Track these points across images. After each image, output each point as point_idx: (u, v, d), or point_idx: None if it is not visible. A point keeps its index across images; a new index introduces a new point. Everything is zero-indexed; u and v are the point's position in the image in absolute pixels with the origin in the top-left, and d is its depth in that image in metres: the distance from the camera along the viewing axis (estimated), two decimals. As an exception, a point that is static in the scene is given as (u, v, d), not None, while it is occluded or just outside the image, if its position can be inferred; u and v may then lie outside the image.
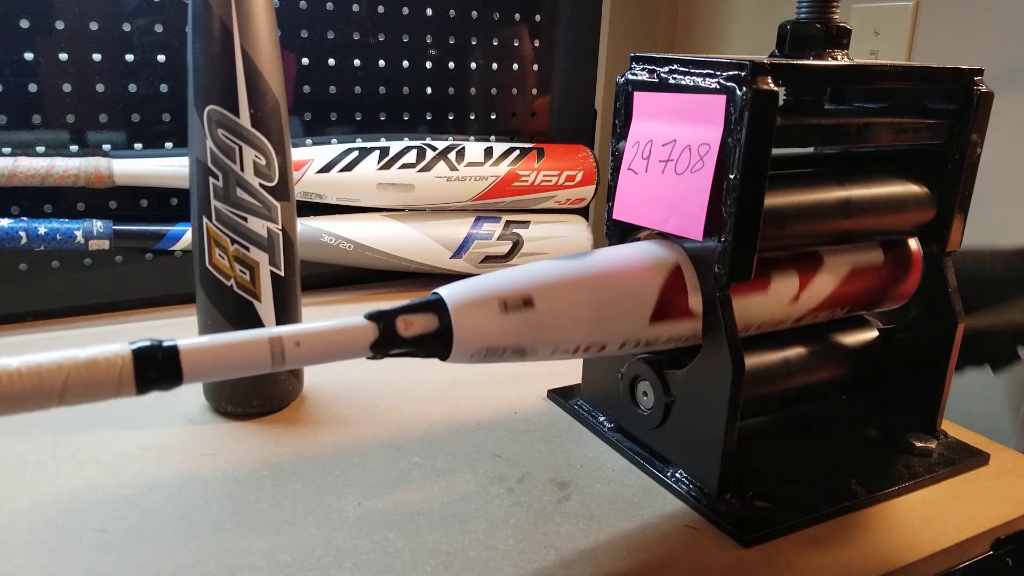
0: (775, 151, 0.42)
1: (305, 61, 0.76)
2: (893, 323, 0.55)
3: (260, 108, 0.48)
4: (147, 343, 0.30)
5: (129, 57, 0.68)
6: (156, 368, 0.30)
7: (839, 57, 0.47)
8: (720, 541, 0.43)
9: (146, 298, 0.74)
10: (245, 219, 0.49)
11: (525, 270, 0.41)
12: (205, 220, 0.49)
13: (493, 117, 0.87)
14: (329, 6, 0.75)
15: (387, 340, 0.35)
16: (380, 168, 0.76)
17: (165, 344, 0.31)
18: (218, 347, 0.32)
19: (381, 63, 0.79)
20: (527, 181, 0.81)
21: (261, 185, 0.49)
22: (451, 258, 0.80)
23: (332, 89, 0.78)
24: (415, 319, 0.36)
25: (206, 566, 0.39)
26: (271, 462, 0.48)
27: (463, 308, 0.37)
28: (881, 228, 0.51)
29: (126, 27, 0.67)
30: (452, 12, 0.81)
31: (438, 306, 0.37)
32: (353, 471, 0.48)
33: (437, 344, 0.37)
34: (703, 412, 0.45)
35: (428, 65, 0.82)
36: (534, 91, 0.88)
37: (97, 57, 0.67)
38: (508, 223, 0.82)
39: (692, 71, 0.43)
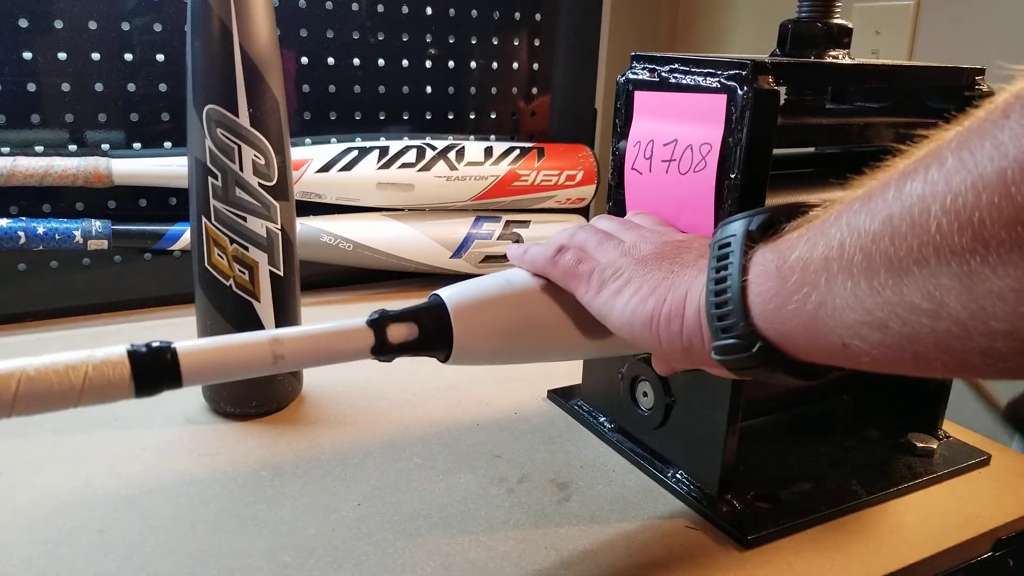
0: (776, 151, 0.41)
1: (304, 60, 0.76)
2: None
3: (259, 107, 0.47)
4: (144, 346, 0.30)
5: (128, 56, 0.68)
6: (155, 372, 0.30)
7: (840, 56, 0.47)
8: (721, 542, 0.43)
9: (145, 298, 0.74)
10: (244, 219, 0.49)
11: (532, 307, 0.40)
12: (204, 220, 0.49)
13: (493, 116, 0.87)
14: (328, 5, 0.75)
15: (385, 351, 0.35)
16: (379, 167, 0.76)
17: (164, 347, 0.30)
18: (217, 350, 0.32)
19: (381, 62, 0.79)
20: (527, 181, 0.81)
21: (260, 185, 0.49)
22: (451, 258, 0.80)
23: (331, 88, 0.77)
24: (416, 346, 0.36)
25: (206, 566, 0.39)
26: (270, 462, 0.48)
27: (467, 341, 0.37)
28: (882, 228, 0.51)
29: (125, 26, 0.67)
30: (452, 11, 0.81)
31: (442, 332, 0.37)
32: (353, 471, 0.48)
33: (437, 355, 0.37)
34: (704, 412, 0.45)
35: (428, 64, 0.82)
36: (534, 90, 0.88)
37: (96, 56, 0.67)
38: (508, 223, 0.82)
39: (693, 70, 0.43)
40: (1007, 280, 0.20)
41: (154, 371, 0.30)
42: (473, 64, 0.84)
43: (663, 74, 0.45)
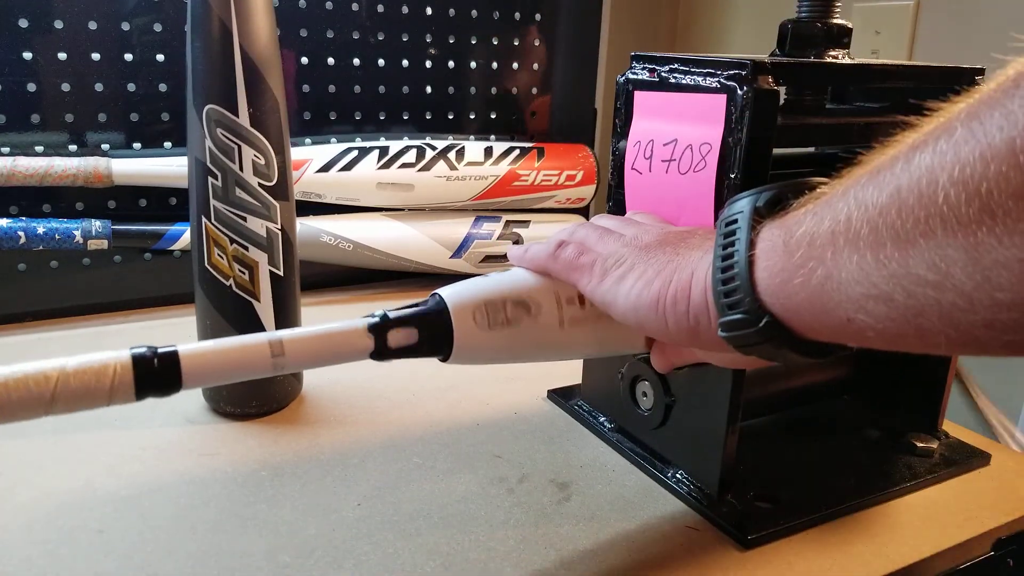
0: (776, 151, 0.41)
1: (304, 60, 0.76)
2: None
3: (259, 107, 0.47)
4: (145, 350, 0.30)
5: (128, 56, 0.68)
6: (155, 375, 0.30)
7: (840, 56, 0.47)
8: (721, 542, 0.43)
9: (145, 298, 0.74)
10: (244, 219, 0.49)
11: (526, 291, 0.39)
12: (204, 220, 0.49)
13: (493, 116, 0.87)
14: (328, 5, 0.75)
15: (385, 351, 0.35)
16: (379, 167, 0.76)
17: (164, 350, 0.30)
18: (217, 353, 0.31)
19: (381, 62, 0.79)
20: (527, 180, 0.81)
21: (260, 185, 0.49)
22: (451, 258, 0.80)
23: (331, 88, 0.77)
24: (417, 346, 0.36)
25: (206, 566, 0.39)
26: (270, 463, 0.48)
27: (465, 334, 0.37)
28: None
29: (125, 26, 0.67)
30: (452, 11, 0.81)
31: (443, 331, 0.36)
32: (353, 471, 0.48)
33: (438, 353, 0.37)
34: (703, 412, 0.45)
35: (428, 64, 0.82)
36: (534, 90, 0.88)
37: (96, 56, 0.67)
38: (508, 223, 0.82)
39: (693, 70, 0.43)
40: (1013, 250, 0.20)
41: (156, 375, 0.30)
42: (473, 64, 0.84)
43: (663, 74, 0.45)
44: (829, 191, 0.27)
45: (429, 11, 0.80)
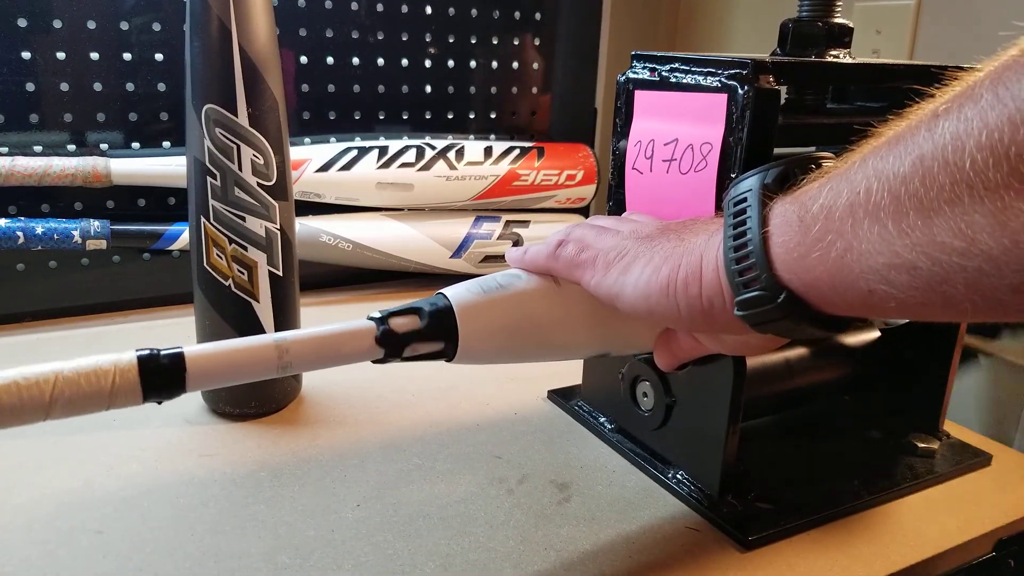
0: (777, 150, 0.41)
1: (304, 59, 0.75)
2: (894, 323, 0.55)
3: (258, 107, 0.47)
4: (150, 352, 0.30)
5: (127, 56, 0.68)
6: (160, 378, 0.30)
7: (841, 56, 0.46)
8: (721, 543, 0.43)
9: (144, 298, 0.73)
10: (243, 219, 0.48)
11: (535, 306, 0.39)
12: (203, 220, 0.49)
13: (493, 116, 0.87)
14: (328, 4, 0.75)
15: (392, 354, 0.35)
16: (379, 167, 0.75)
17: (169, 352, 0.30)
18: (223, 355, 0.31)
19: (380, 61, 0.79)
20: (527, 180, 0.81)
21: (259, 184, 0.48)
22: (451, 258, 0.79)
23: (331, 88, 0.77)
24: (423, 347, 0.36)
25: (204, 567, 0.39)
26: (269, 463, 0.48)
27: (471, 336, 0.37)
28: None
29: (124, 26, 0.67)
30: (452, 10, 0.81)
31: (448, 332, 0.36)
32: (352, 472, 0.48)
33: (443, 356, 0.37)
34: (704, 413, 0.45)
35: (427, 64, 0.81)
36: (534, 90, 0.88)
37: (95, 56, 0.66)
38: (508, 223, 0.81)
39: (693, 69, 0.43)
40: None
41: (163, 377, 0.30)
42: (473, 64, 0.84)
43: (663, 73, 0.45)
44: (843, 164, 0.27)
45: (429, 11, 0.80)
